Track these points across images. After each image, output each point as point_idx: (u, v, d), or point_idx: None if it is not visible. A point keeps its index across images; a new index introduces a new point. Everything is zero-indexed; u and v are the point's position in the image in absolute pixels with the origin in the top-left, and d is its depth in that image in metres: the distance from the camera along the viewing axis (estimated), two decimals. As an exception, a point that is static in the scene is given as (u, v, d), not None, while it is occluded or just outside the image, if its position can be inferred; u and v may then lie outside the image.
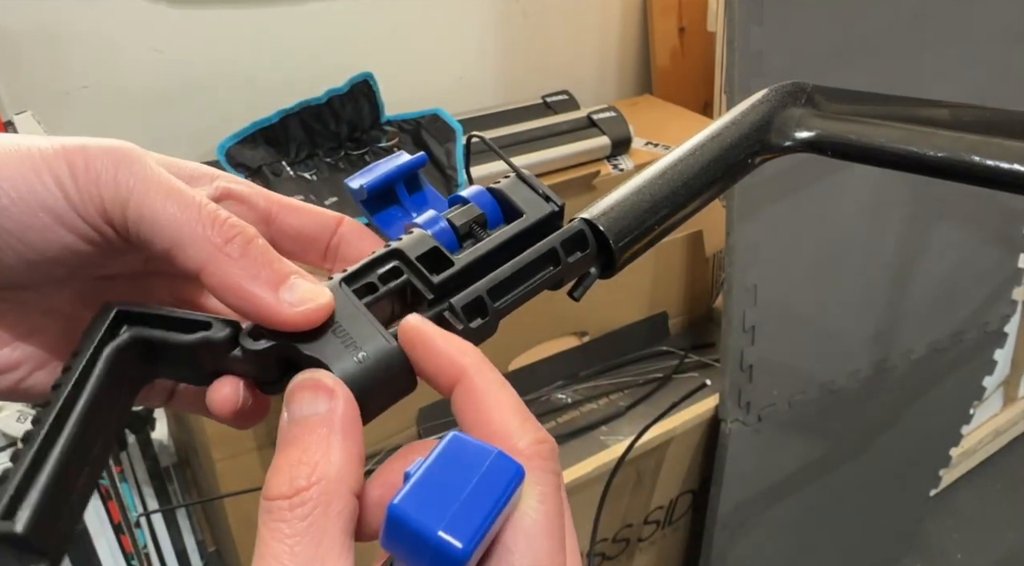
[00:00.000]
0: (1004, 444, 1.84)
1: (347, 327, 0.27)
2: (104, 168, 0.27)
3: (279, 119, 1.16)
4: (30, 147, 0.27)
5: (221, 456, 1.18)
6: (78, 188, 0.27)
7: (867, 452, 1.28)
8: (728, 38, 0.86)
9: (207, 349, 0.27)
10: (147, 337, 0.28)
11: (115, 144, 0.27)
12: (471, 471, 0.23)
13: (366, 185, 0.33)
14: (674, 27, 1.65)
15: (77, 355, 0.26)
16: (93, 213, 0.27)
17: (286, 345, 0.27)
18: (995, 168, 0.31)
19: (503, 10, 1.49)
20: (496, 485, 0.22)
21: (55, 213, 0.26)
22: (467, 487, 0.22)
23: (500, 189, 0.32)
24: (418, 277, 0.29)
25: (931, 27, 0.94)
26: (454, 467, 0.23)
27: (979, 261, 1.17)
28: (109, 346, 0.27)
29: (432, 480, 0.22)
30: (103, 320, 0.27)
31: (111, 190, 0.27)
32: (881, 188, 1.03)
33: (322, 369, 0.27)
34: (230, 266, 0.27)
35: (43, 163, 0.26)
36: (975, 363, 1.29)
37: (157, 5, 1.19)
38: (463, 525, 0.21)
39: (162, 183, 0.27)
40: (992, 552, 1.66)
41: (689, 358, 1.34)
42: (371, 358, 0.27)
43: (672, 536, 1.29)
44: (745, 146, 0.36)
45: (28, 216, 0.26)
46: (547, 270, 0.31)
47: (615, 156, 1.32)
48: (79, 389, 0.25)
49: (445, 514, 0.22)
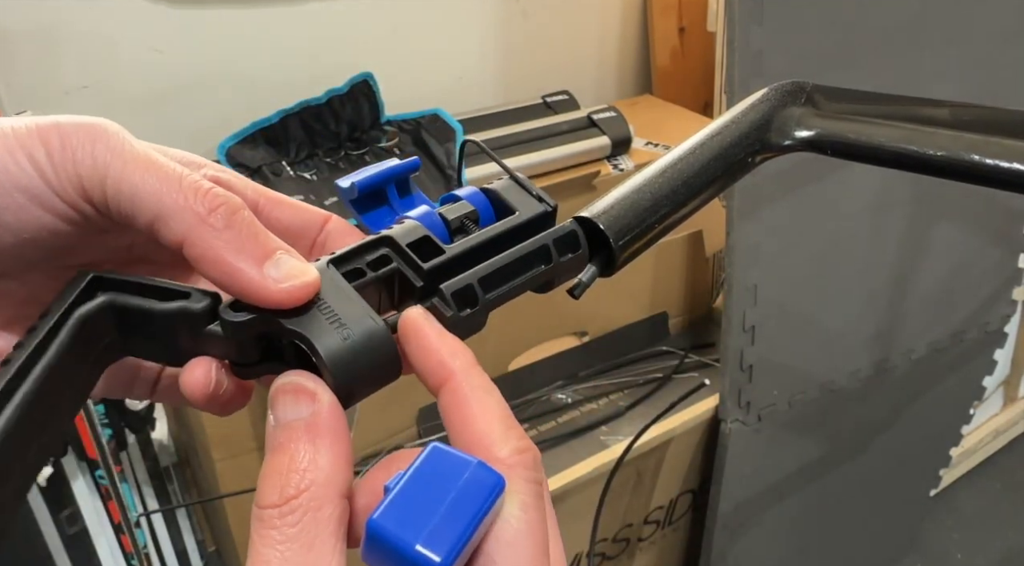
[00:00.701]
0: (1004, 444, 1.84)
1: (333, 306, 0.26)
2: (80, 144, 0.26)
3: (279, 119, 1.16)
4: (2, 128, 0.26)
5: (221, 456, 1.18)
6: (54, 166, 0.26)
7: (867, 452, 1.28)
8: (728, 38, 0.86)
9: (184, 320, 0.26)
10: (122, 304, 0.26)
11: (90, 120, 0.27)
12: (450, 483, 0.23)
13: (357, 184, 0.33)
14: (674, 27, 1.65)
15: (45, 317, 0.25)
16: (71, 191, 0.26)
17: (268, 318, 0.26)
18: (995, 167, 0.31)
19: (503, 10, 1.49)
20: (476, 496, 0.22)
21: (31, 193, 0.26)
22: (446, 499, 0.22)
23: (493, 189, 0.32)
24: (408, 264, 0.29)
25: (931, 27, 0.94)
26: (434, 479, 0.23)
27: (979, 261, 1.17)
28: (80, 309, 0.26)
29: (411, 493, 0.22)
30: (76, 284, 0.26)
31: (88, 166, 0.26)
32: (881, 188, 1.03)
33: (303, 371, 0.26)
34: (214, 237, 0.26)
35: (16, 143, 0.26)
36: (975, 363, 1.29)
37: (157, 5, 1.19)
38: (442, 538, 0.21)
39: (140, 155, 0.27)
40: (992, 552, 1.66)
41: (689, 358, 1.34)
42: (357, 337, 0.26)
43: (672, 536, 1.29)
44: (745, 145, 0.36)
45: (2, 197, 0.26)
46: (538, 267, 0.31)
47: (615, 156, 1.32)
48: (40, 352, 0.24)
49: (424, 528, 0.22)
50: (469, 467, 0.23)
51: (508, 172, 0.33)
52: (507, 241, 0.31)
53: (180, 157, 0.30)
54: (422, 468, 0.23)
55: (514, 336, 1.27)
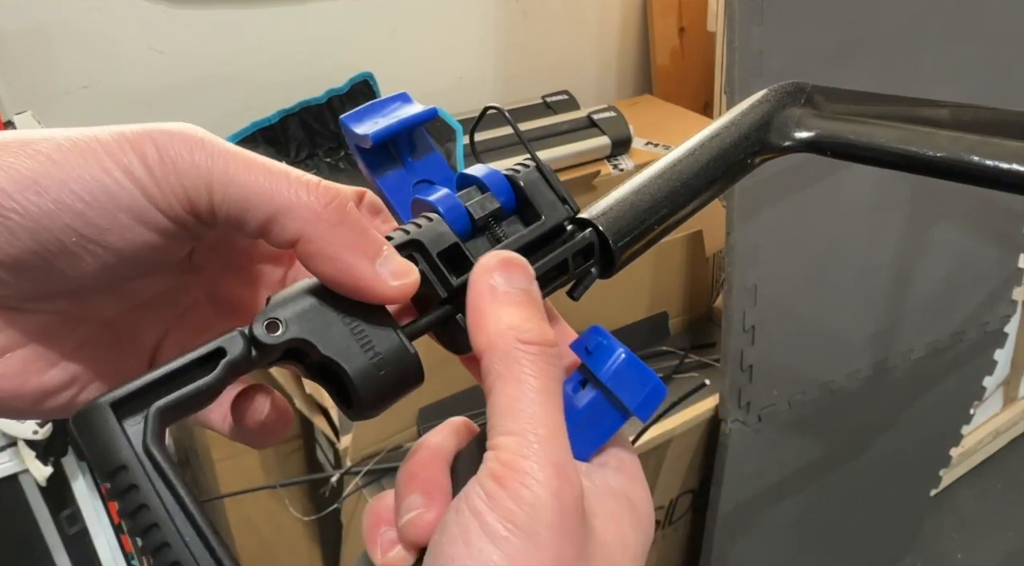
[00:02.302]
0: (1004, 444, 1.85)
1: (363, 322, 0.27)
2: (178, 153, 0.25)
3: (279, 119, 1.16)
4: (87, 138, 0.24)
5: (221, 456, 1.18)
6: (155, 181, 0.24)
7: (867, 452, 1.28)
8: (728, 38, 0.86)
9: (231, 372, 0.25)
10: (169, 406, 0.24)
11: (178, 127, 0.26)
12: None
13: (372, 135, 0.31)
14: (674, 27, 1.65)
15: (123, 470, 0.23)
16: (175, 204, 0.25)
17: (301, 341, 0.26)
18: (995, 168, 0.31)
19: (503, 10, 1.49)
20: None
21: (134, 212, 0.24)
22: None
23: (519, 182, 0.31)
24: (435, 272, 0.29)
25: (931, 27, 0.94)
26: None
27: (979, 261, 1.17)
28: (139, 440, 0.23)
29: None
30: (105, 423, 0.23)
31: (192, 175, 0.25)
32: (881, 188, 1.03)
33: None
34: (330, 234, 0.26)
35: (108, 157, 0.24)
36: (975, 363, 1.29)
37: (157, 5, 1.19)
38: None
39: (240, 156, 0.26)
40: (992, 552, 1.66)
41: (689, 358, 1.34)
42: (386, 360, 0.27)
43: (672, 536, 1.29)
44: (745, 146, 0.36)
45: (107, 219, 0.24)
46: (557, 280, 0.31)
47: (615, 156, 1.32)
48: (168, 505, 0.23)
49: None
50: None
51: (538, 162, 0.32)
52: (529, 248, 0.31)
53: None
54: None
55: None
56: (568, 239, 0.31)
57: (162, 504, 0.23)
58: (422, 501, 0.27)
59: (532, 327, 0.26)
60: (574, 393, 0.29)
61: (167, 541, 0.23)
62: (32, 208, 0.23)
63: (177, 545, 0.22)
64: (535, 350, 0.26)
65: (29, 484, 1.21)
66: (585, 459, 0.29)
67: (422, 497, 0.27)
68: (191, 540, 0.23)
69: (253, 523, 1.28)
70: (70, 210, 0.23)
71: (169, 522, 0.23)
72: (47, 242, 0.24)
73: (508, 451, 0.24)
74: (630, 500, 0.28)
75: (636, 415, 0.29)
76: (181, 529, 0.23)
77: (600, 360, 0.29)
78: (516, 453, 0.24)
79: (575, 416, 0.29)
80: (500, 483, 0.24)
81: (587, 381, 0.29)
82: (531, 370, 0.25)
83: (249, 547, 1.30)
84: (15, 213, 0.23)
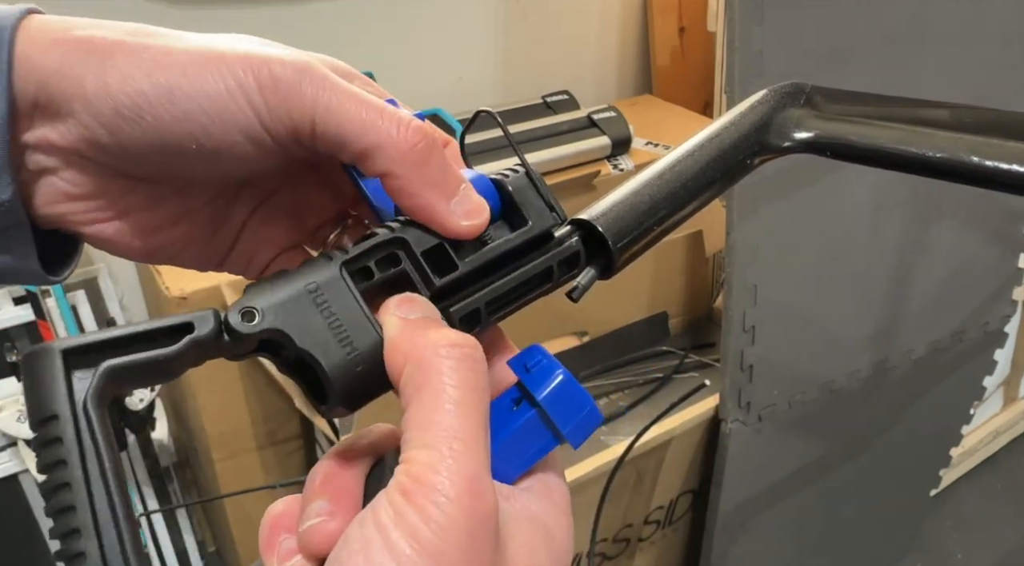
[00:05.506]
0: (1004, 444, 1.84)
1: (341, 317, 0.27)
2: (291, 84, 0.27)
3: (279, 119, 1.16)
4: (215, 57, 0.27)
5: (221, 456, 1.19)
6: (268, 108, 0.27)
7: (867, 452, 1.28)
8: (728, 38, 0.86)
9: (196, 350, 0.25)
10: (122, 366, 0.24)
11: (292, 57, 0.28)
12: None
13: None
14: (674, 27, 1.65)
15: (50, 420, 0.22)
16: (282, 131, 0.28)
17: (277, 331, 0.26)
18: (995, 169, 0.31)
19: (503, 11, 1.49)
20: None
21: (248, 133, 0.27)
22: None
23: (507, 186, 0.31)
24: (419, 272, 0.29)
25: (931, 27, 0.94)
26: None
27: (979, 261, 1.17)
28: (82, 396, 0.23)
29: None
30: (48, 366, 0.23)
31: (299, 107, 0.27)
32: (881, 188, 1.03)
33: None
34: (413, 172, 0.28)
35: (232, 78, 0.27)
36: (975, 363, 1.29)
37: (157, 5, 1.19)
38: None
39: (345, 90, 0.28)
40: (992, 552, 1.66)
41: (689, 358, 1.34)
42: (363, 355, 0.27)
43: (672, 536, 1.29)
44: (744, 147, 0.36)
45: (224, 134, 0.27)
46: (541, 287, 0.31)
47: (615, 156, 1.32)
48: (85, 463, 0.22)
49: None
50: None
51: (527, 167, 0.32)
52: (515, 254, 0.31)
53: (344, 68, 0.31)
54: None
55: (514, 336, 1.27)
56: (555, 246, 0.31)
57: (83, 467, 0.22)
58: (328, 508, 0.26)
59: (451, 334, 0.26)
60: (506, 411, 0.28)
61: (72, 504, 0.22)
62: (165, 115, 0.27)
63: (82, 506, 0.22)
64: (457, 354, 0.25)
65: (29, 484, 1.21)
66: (509, 481, 0.28)
67: (328, 503, 0.26)
68: (101, 509, 0.22)
69: (253, 523, 1.28)
70: (195, 122, 0.27)
71: (83, 489, 0.22)
72: (171, 143, 0.27)
73: (419, 464, 0.23)
74: (548, 529, 0.27)
75: (567, 440, 0.28)
76: (96, 500, 0.22)
77: (538, 379, 0.28)
78: (428, 467, 0.23)
79: (503, 434, 0.28)
80: (408, 498, 0.23)
81: (521, 399, 0.28)
82: (451, 380, 0.25)
83: (249, 547, 1.31)
84: (150, 116, 0.27)
